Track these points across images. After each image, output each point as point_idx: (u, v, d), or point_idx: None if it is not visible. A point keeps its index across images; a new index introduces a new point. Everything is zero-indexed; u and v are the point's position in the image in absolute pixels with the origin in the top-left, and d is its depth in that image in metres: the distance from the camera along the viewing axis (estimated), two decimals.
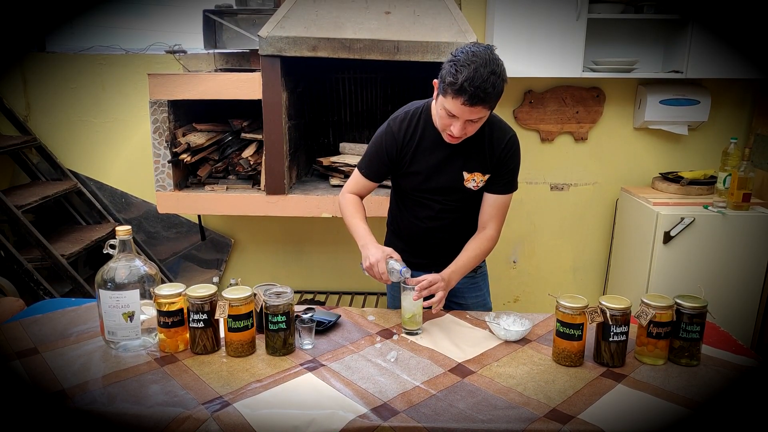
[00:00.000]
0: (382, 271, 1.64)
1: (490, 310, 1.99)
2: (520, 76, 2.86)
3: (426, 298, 1.67)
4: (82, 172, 3.24)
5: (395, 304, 1.94)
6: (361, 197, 1.88)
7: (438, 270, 1.75)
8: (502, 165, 1.75)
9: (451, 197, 1.79)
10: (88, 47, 3.14)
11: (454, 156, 1.74)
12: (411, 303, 1.65)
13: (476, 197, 1.81)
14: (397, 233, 1.95)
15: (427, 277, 1.66)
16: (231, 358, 1.53)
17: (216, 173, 2.75)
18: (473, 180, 1.75)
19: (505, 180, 1.77)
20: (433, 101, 1.70)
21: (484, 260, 1.95)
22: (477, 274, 1.97)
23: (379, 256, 1.64)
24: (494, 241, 1.82)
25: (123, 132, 3.18)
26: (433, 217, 1.83)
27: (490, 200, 1.79)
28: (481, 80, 1.48)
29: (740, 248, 2.72)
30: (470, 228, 1.85)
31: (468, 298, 1.97)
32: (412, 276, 1.67)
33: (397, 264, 1.64)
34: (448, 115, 1.58)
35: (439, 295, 1.66)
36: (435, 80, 1.62)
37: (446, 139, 1.67)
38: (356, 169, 1.86)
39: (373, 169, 1.82)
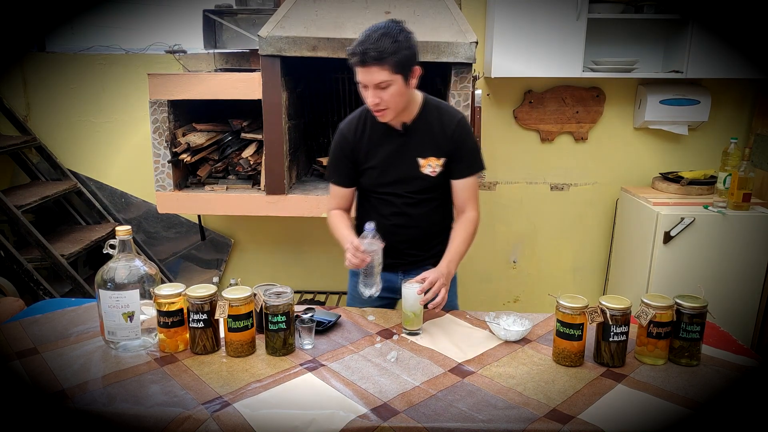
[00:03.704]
0: (360, 248, 1.65)
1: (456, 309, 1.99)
2: (520, 76, 2.86)
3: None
4: (82, 172, 3.24)
5: (353, 302, 1.97)
6: (347, 209, 1.90)
7: (408, 269, 1.81)
8: (458, 146, 1.77)
9: (411, 188, 1.81)
10: (88, 47, 3.14)
11: (405, 145, 1.77)
12: (411, 303, 1.65)
13: (437, 189, 1.83)
14: None
15: (428, 277, 1.66)
16: (231, 358, 1.53)
17: (216, 173, 2.75)
18: (429, 165, 1.78)
19: (467, 162, 1.80)
20: None
21: None
22: None
23: (355, 241, 1.67)
24: (476, 222, 1.85)
25: (123, 132, 3.18)
26: (398, 213, 1.84)
27: (459, 185, 1.82)
28: (372, 41, 1.56)
29: (740, 248, 2.71)
30: (436, 224, 1.88)
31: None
32: (407, 276, 1.69)
33: (367, 233, 1.66)
34: (363, 87, 1.64)
35: (442, 293, 1.67)
36: None
37: (377, 117, 1.71)
38: (330, 185, 1.90)
39: (340, 174, 1.85)
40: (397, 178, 1.80)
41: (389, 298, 1.99)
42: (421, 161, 1.77)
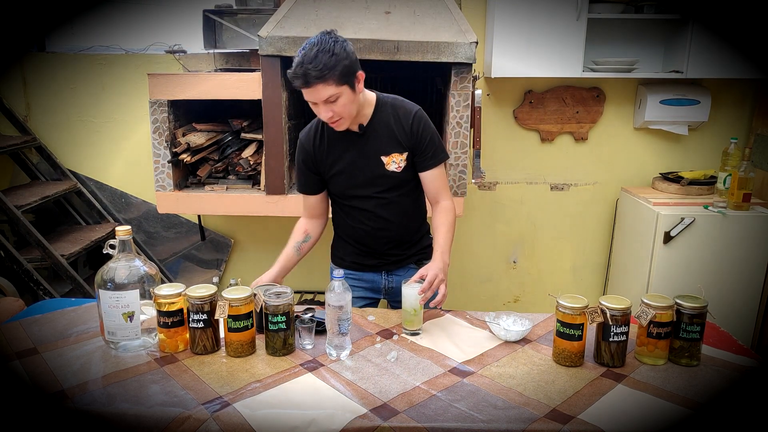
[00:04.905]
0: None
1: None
2: (520, 76, 2.86)
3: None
4: (82, 172, 3.24)
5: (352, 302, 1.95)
6: (319, 215, 1.93)
7: (391, 269, 1.86)
8: (419, 139, 1.78)
9: (380, 187, 1.81)
10: (88, 47, 3.14)
11: (366, 146, 1.78)
12: (411, 303, 1.65)
13: (405, 185, 1.83)
14: (344, 238, 1.97)
15: (426, 276, 1.66)
16: (231, 358, 1.53)
17: (216, 173, 2.75)
18: (393, 162, 1.79)
19: (430, 153, 1.80)
20: None
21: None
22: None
23: (262, 280, 1.74)
24: (453, 209, 1.86)
25: (123, 132, 3.18)
26: (374, 217, 1.85)
27: (428, 177, 1.83)
28: (309, 60, 1.55)
29: (740, 248, 2.72)
30: (412, 222, 1.90)
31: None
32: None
33: (334, 284, 1.56)
34: (313, 104, 1.64)
35: (442, 289, 1.67)
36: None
37: (333, 127, 1.71)
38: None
39: (305, 183, 1.87)
40: (364, 180, 1.80)
41: (372, 299, 2.00)
42: (385, 159, 1.78)
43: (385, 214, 1.84)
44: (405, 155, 1.79)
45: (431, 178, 1.82)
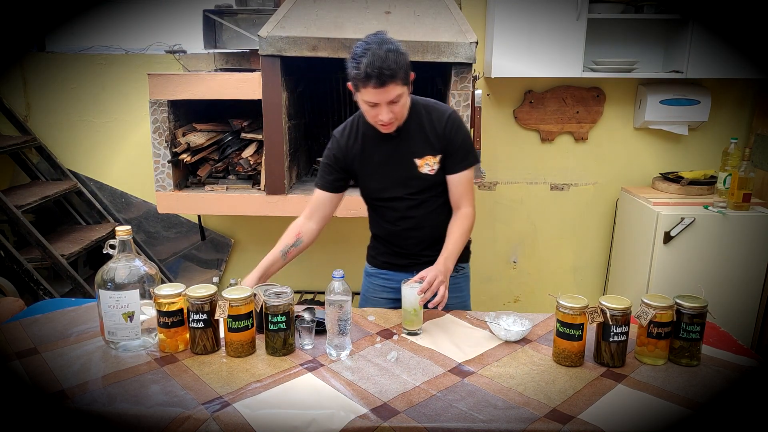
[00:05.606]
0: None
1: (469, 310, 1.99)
2: (520, 76, 2.86)
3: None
4: (82, 172, 3.25)
5: (366, 304, 1.97)
6: (318, 219, 1.88)
7: (421, 269, 1.78)
8: (450, 142, 1.77)
9: (411, 189, 1.80)
10: (88, 47, 3.14)
11: (400, 147, 1.77)
12: (411, 303, 1.65)
13: (437, 187, 1.82)
14: (378, 238, 1.97)
15: (426, 277, 1.66)
16: (231, 358, 1.53)
17: (216, 173, 2.75)
18: (427, 164, 1.78)
19: (460, 156, 1.79)
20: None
21: (468, 262, 1.97)
22: (459, 275, 1.95)
23: (248, 280, 1.71)
24: (472, 217, 1.85)
25: (123, 132, 3.18)
26: (403, 218, 1.84)
27: (454, 181, 1.81)
28: (381, 60, 1.54)
29: (740, 248, 2.72)
30: (444, 223, 1.87)
31: (448, 298, 1.97)
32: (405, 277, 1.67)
33: (334, 283, 1.57)
34: (371, 106, 1.63)
35: (441, 290, 1.66)
36: (348, 83, 1.65)
37: (382, 130, 1.71)
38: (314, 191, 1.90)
39: (325, 179, 1.85)
40: (396, 181, 1.80)
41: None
42: (418, 161, 1.77)
43: (416, 214, 1.83)
44: (438, 158, 1.78)
45: (456, 182, 1.81)
